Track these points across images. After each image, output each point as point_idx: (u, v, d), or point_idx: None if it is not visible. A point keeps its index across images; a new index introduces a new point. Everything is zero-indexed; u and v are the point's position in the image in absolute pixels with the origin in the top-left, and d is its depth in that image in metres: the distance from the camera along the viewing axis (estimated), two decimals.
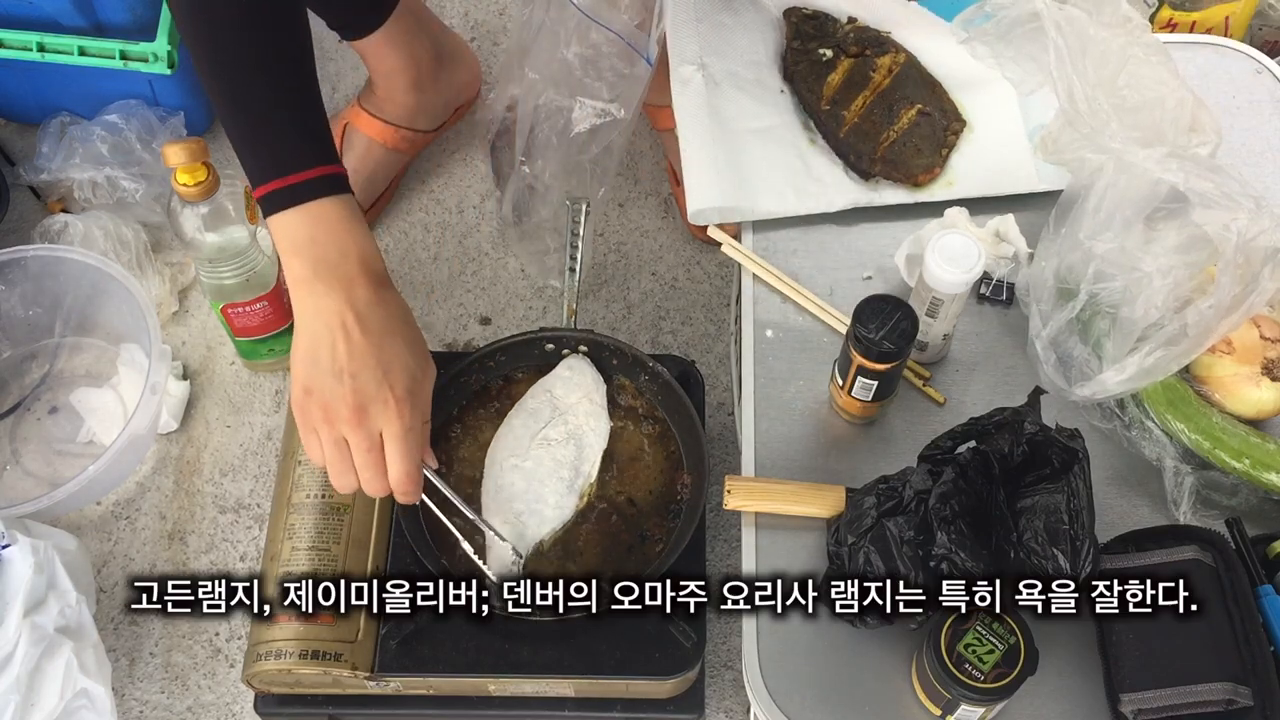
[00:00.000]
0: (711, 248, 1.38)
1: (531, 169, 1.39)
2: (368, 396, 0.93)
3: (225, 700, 1.29)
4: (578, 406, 1.16)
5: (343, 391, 0.93)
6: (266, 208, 0.95)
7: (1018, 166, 1.17)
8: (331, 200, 0.94)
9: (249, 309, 1.36)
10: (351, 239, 0.95)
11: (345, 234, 0.95)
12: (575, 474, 1.13)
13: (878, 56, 1.23)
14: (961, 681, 0.85)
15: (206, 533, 1.39)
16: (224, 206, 1.26)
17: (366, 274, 0.95)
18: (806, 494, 0.99)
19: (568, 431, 1.15)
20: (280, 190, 0.93)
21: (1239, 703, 0.86)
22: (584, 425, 1.15)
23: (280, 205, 0.94)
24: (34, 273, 1.41)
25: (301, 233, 0.94)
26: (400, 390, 0.94)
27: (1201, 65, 1.26)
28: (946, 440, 0.95)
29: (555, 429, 1.15)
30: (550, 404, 1.17)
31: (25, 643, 1.12)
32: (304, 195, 0.93)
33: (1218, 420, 0.99)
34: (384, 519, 1.15)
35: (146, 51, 1.45)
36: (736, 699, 1.27)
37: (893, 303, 0.97)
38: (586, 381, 1.18)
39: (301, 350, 0.95)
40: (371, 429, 0.94)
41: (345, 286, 0.94)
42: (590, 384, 1.18)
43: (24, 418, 1.44)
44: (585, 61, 1.30)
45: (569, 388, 1.17)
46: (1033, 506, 0.91)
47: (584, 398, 1.16)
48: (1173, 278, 0.96)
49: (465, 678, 1.11)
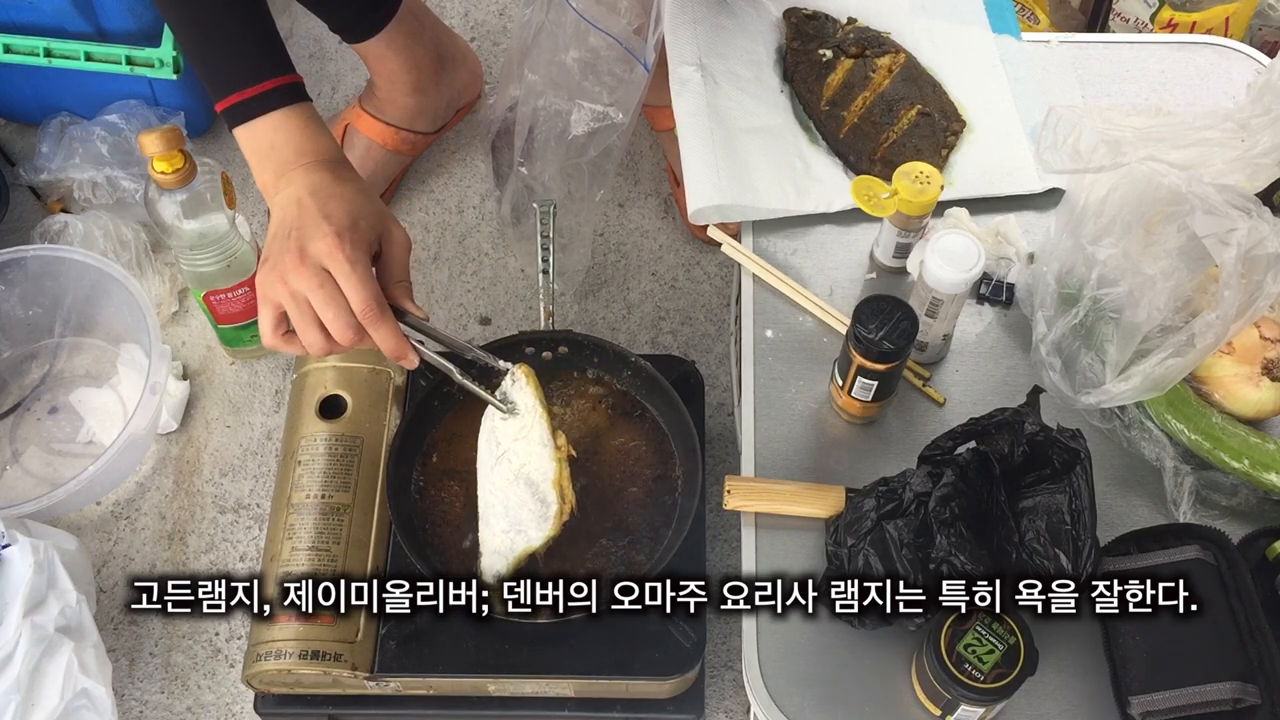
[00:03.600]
0: (711, 248, 1.38)
1: (530, 170, 1.39)
2: (307, 236, 0.95)
3: (225, 700, 1.29)
4: (514, 448, 1.08)
5: (289, 245, 0.95)
6: (229, 121, 1.00)
7: (1018, 166, 1.17)
8: (285, 111, 0.99)
9: (231, 295, 1.37)
10: (308, 142, 1.00)
11: (302, 138, 1.00)
12: (541, 504, 1.06)
13: (878, 57, 1.23)
14: (961, 682, 0.85)
15: (206, 533, 1.39)
16: (202, 194, 1.27)
17: (322, 166, 0.99)
18: (806, 494, 0.99)
19: (513, 473, 1.07)
20: (238, 105, 0.99)
21: (1247, 701, 0.86)
22: (527, 464, 1.07)
23: (240, 119, 1.00)
24: (34, 273, 1.41)
25: (261, 142, 1.00)
26: (339, 225, 0.95)
27: (1201, 65, 1.26)
28: (946, 440, 0.95)
29: (501, 471, 1.08)
30: (493, 443, 1.09)
31: (25, 643, 1.12)
32: (259, 108, 0.99)
33: (1218, 420, 0.99)
34: (384, 519, 1.15)
35: (152, 57, 1.46)
36: (736, 699, 1.27)
37: (893, 303, 0.97)
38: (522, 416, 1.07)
39: (267, 241, 0.98)
40: (315, 265, 0.94)
41: (304, 175, 0.99)
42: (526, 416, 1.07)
43: (24, 418, 1.44)
44: (584, 65, 1.30)
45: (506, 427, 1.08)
46: (1034, 507, 0.91)
47: (520, 436, 1.07)
48: (1175, 279, 0.97)
49: (465, 678, 1.11)
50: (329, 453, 1.18)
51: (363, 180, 1.02)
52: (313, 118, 1.01)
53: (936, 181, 1.04)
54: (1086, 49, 1.28)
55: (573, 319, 1.52)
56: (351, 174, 1.01)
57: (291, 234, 0.95)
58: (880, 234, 1.11)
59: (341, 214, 0.96)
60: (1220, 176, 0.98)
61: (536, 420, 1.06)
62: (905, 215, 1.06)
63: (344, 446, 1.18)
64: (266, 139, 1.00)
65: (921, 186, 1.04)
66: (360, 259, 0.95)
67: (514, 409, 1.06)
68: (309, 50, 1.76)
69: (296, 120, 1.00)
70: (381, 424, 1.20)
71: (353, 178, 1.01)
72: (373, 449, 1.19)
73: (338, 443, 1.18)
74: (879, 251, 1.12)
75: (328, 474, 1.17)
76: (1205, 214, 0.93)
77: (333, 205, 0.97)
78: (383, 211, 1.01)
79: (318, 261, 0.94)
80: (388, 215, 1.01)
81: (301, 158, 0.99)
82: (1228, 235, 0.92)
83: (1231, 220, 0.92)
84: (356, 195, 0.99)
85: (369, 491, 1.17)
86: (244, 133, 1.00)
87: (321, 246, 0.94)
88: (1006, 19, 1.27)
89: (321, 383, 1.22)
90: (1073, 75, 1.25)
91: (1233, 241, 0.91)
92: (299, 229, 0.95)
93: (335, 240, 0.94)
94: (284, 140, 0.99)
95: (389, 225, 1.00)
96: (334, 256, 0.94)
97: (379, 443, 1.19)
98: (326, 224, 0.95)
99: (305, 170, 0.99)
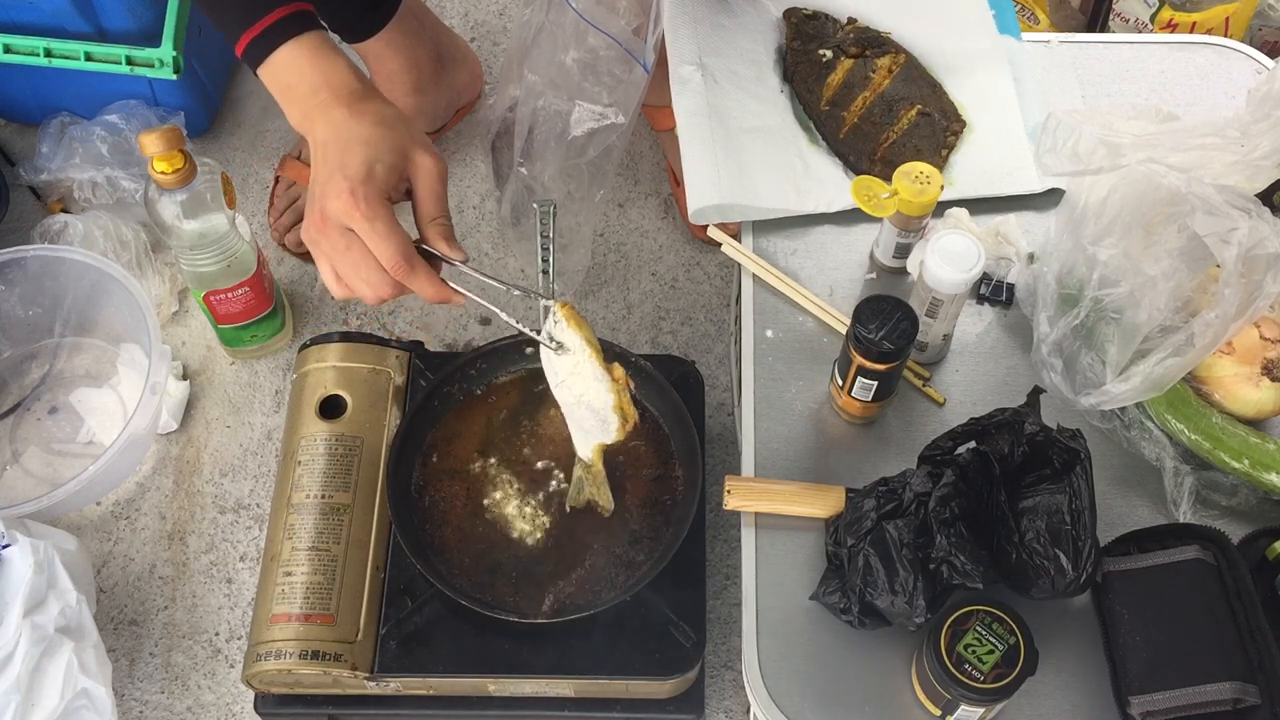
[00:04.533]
0: (711, 248, 1.38)
1: (530, 170, 1.39)
2: (325, 194, 0.93)
3: (225, 700, 1.29)
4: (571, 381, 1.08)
5: (314, 204, 0.94)
6: (250, 65, 0.99)
7: (1018, 166, 1.17)
8: (294, 44, 0.97)
9: (231, 295, 1.37)
10: (319, 73, 0.98)
11: (313, 70, 0.98)
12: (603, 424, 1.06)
13: (878, 57, 1.23)
14: (961, 682, 0.85)
15: (206, 533, 1.39)
16: (202, 194, 1.27)
17: (340, 100, 0.97)
18: (806, 494, 0.99)
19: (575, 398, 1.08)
20: (249, 47, 0.97)
21: (1247, 701, 0.86)
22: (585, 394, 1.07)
23: (255, 60, 0.98)
24: (34, 273, 1.41)
25: (278, 83, 0.98)
26: (354, 178, 0.92)
27: (1201, 66, 1.26)
28: (946, 440, 0.95)
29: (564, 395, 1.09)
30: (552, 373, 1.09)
31: (25, 643, 1.12)
32: (267, 45, 0.97)
33: (1218, 420, 0.99)
34: (384, 519, 1.15)
35: (152, 58, 1.45)
36: (736, 699, 1.27)
37: (893, 303, 0.97)
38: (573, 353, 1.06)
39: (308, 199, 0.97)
40: (338, 227, 0.93)
41: (324, 114, 0.96)
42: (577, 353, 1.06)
43: (24, 418, 1.44)
44: (583, 65, 1.30)
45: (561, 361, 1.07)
46: (1034, 507, 0.91)
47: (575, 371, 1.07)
48: (1175, 280, 0.97)
49: (465, 678, 1.11)
50: (329, 453, 1.18)
51: (383, 106, 0.98)
52: (321, 45, 0.98)
53: (936, 181, 1.04)
54: (1086, 49, 1.28)
55: None
56: (369, 104, 0.97)
57: (315, 189, 0.95)
58: (880, 234, 1.11)
59: (357, 163, 0.93)
60: (1219, 179, 0.98)
61: (586, 357, 1.05)
62: (905, 215, 1.06)
63: (344, 446, 1.18)
64: (282, 78, 0.98)
65: (921, 186, 1.04)
66: (378, 213, 0.93)
67: (562, 347, 1.04)
68: None
69: (306, 52, 0.97)
70: (381, 424, 1.21)
71: (370, 109, 0.97)
72: (373, 449, 1.19)
73: (338, 443, 1.18)
74: (879, 251, 1.12)
75: (328, 474, 1.17)
76: (1206, 214, 0.93)
77: (349, 152, 0.94)
78: (404, 143, 0.96)
79: (339, 222, 0.93)
80: (412, 144, 0.97)
81: (317, 94, 0.97)
82: (1229, 235, 0.92)
83: (1232, 220, 0.92)
84: (373, 131, 0.95)
85: (369, 491, 1.17)
86: (264, 74, 0.98)
87: (338, 206, 0.92)
88: (1006, 19, 1.27)
89: (321, 383, 1.22)
90: (1073, 75, 1.25)
91: (1233, 240, 0.91)
92: (320, 184, 0.94)
93: (349, 199, 0.92)
94: (297, 77, 0.97)
95: (415, 155, 0.97)
96: (351, 216, 0.92)
97: (379, 443, 1.19)
98: (341, 179, 0.92)
99: (323, 109, 0.97)
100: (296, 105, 0.98)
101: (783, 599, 0.97)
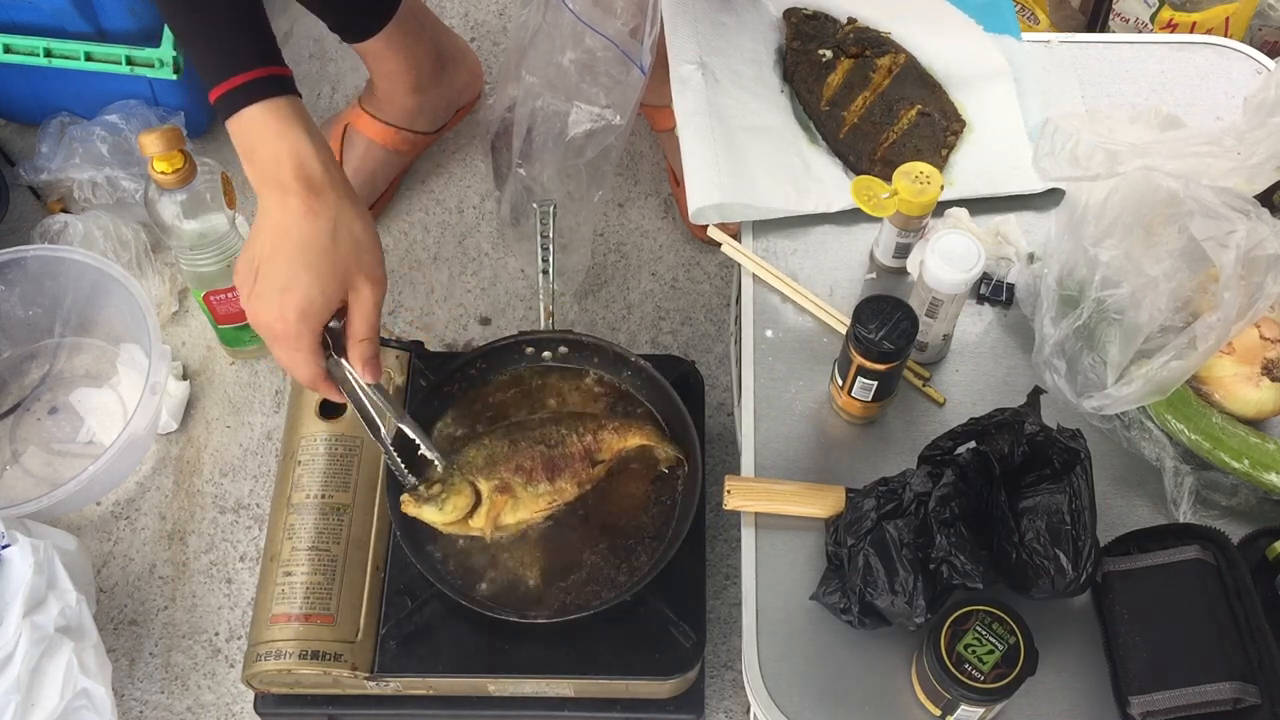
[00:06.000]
0: (711, 248, 1.38)
1: (528, 171, 1.39)
2: (262, 305, 0.98)
3: (225, 700, 1.29)
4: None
5: (252, 308, 0.99)
6: (220, 116, 0.98)
7: (1018, 166, 1.17)
8: (263, 105, 0.96)
9: (231, 295, 1.37)
10: (284, 144, 0.97)
11: (277, 139, 0.97)
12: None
13: (878, 57, 1.23)
14: (961, 682, 0.85)
15: (206, 533, 1.39)
16: (201, 194, 1.27)
17: (300, 180, 0.96)
18: (806, 494, 0.99)
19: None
20: (221, 97, 0.97)
21: (1247, 701, 0.86)
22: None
23: (225, 112, 0.97)
24: (34, 273, 1.41)
25: (242, 141, 0.98)
26: (292, 309, 0.96)
27: (1201, 66, 1.26)
28: (946, 440, 0.95)
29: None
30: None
31: (25, 643, 1.12)
32: (240, 100, 0.96)
33: (1218, 420, 0.99)
34: (384, 519, 1.15)
35: (152, 57, 1.46)
36: (736, 699, 1.27)
37: (893, 303, 0.97)
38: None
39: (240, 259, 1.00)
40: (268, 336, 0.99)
41: (280, 196, 0.97)
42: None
43: (24, 418, 1.44)
44: (581, 67, 1.30)
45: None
46: (1034, 507, 0.91)
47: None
48: (1176, 280, 0.97)
49: (465, 678, 1.11)
50: (329, 453, 1.18)
51: (339, 201, 0.98)
52: (291, 115, 0.97)
53: (936, 181, 1.04)
54: (1086, 49, 1.28)
55: (573, 319, 1.52)
56: (326, 198, 0.97)
57: (255, 298, 0.98)
58: (880, 234, 1.11)
59: (299, 293, 0.96)
60: (1217, 182, 0.98)
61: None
62: (905, 215, 1.06)
63: (344, 446, 1.18)
64: (245, 139, 0.97)
65: (921, 186, 1.04)
66: (301, 345, 0.98)
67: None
68: (309, 50, 1.76)
69: (274, 119, 0.96)
70: None
71: (325, 208, 0.97)
72: (373, 449, 1.18)
73: (338, 443, 1.18)
74: (879, 251, 1.12)
75: (328, 474, 1.17)
76: (1204, 217, 0.93)
77: (295, 276, 0.96)
78: (348, 271, 0.98)
79: (268, 335, 0.98)
80: (357, 272, 0.98)
81: (278, 166, 0.96)
82: (1226, 238, 0.92)
83: (1230, 222, 0.92)
84: (321, 254, 0.96)
85: (369, 491, 1.17)
86: (232, 126, 0.98)
87: (269, 327, 0.98)
88: (1006, 19, 1.27)
89: None
90: (1073, 75, 1.25)
91: (1231, 244, 0.91)
92: (260, 298, 0.97)
93: (280, 328, 0.97)
94: (260, 142, 0.97)
95: (356, 283, 0.99)
96: (275, 342, 0.99)
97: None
98: (279, 305, 0.96)
99: (279, 189, 0.96)
100: (255, 169, 0.98)
101: (783, 599, 0.97)
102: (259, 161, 0.97)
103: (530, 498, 1.12)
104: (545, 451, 1.13)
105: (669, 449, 1.16)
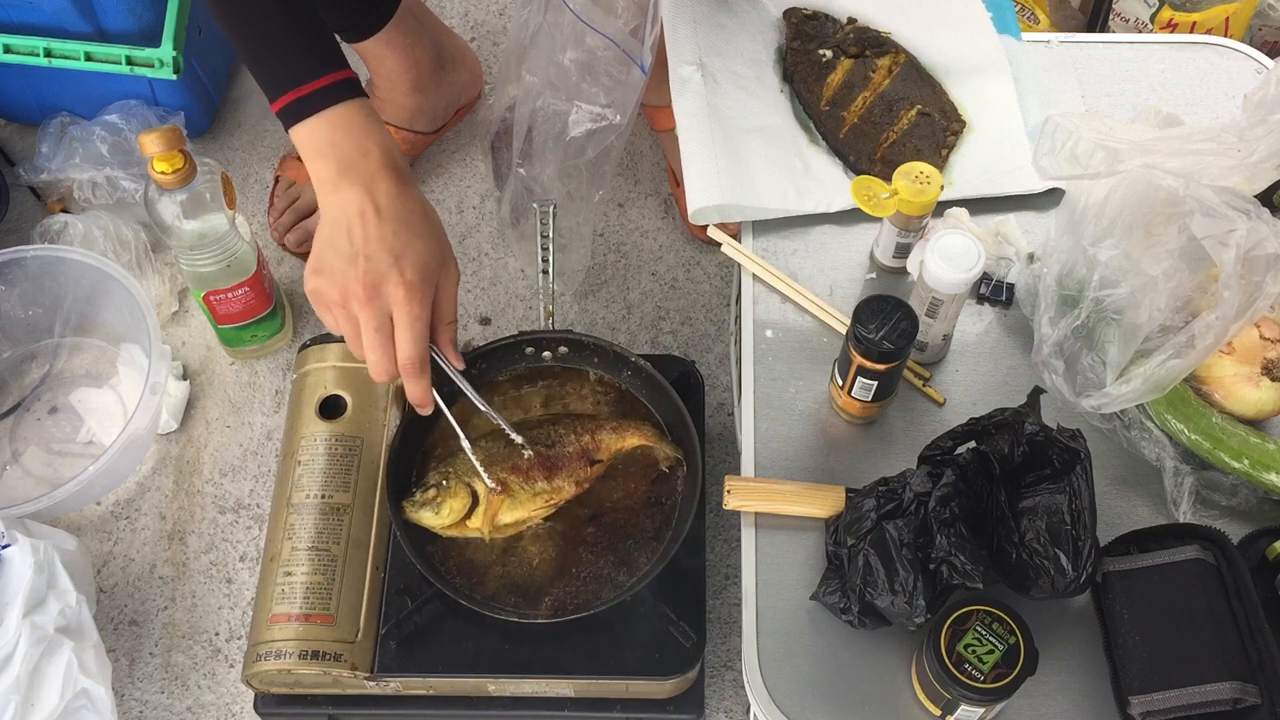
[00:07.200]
0: (711, 248, 1.38)
1: (528, 171, 1.39)
2: (380, 275, 0.96)
3: (225, 700, 1.29)
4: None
5: (356, 272, 0.96)
6: (285, 120, 0.98)
7: (1018, 166, 1.17)
8: (346, 105, 0.98)
9: (231, 295, 1.37)
10: (371, 138, 0.98)
11: (364, 134, 0.98)
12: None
13: (878, 57, 1.23)
14: (961, 682, 0.85)
15: (206, 533, 1.39)
16: (201, 194, 1.27)
17: (388, 170, 0.98)
18: (806, 494, 0.99)
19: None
20: (296, 101, 0.97)
21: (1247, 701, 0.86)
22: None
23: (298, 116, 0.97)
24: (34, 273, 1.41)
25: (322, 137, 0.98)
26: (411, 276, 0.96)
27: (1201, 66, 1.26)
28: (946, 440, 0.95)
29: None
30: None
31: (25, 643, 1.12)
32: (319, 103, 0.97)
33: (1218, 420, 0.99)
34: (384, 519, 1.15)
35: (152, 58, 1.46)
36: (736, 699, 1.27)
37: (893, 303, 0.97)
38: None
39: (322, 238, 0.98)
40: (382, 308, 0.97)
41: (367, 182, 0.97)
42: None
43: (24, 418, 1.44)
44: (581, 66, 1.30)
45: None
46: (1034, 507, 0.91)
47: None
48: (1176, 280, 0.96)
49: (465, 678, 1.11)
50: (329, 453, 1.18)
51: (422, 197, 1.01)
52: (373, 114, 1.00)
53: (936, 181, 1.04)
54: (1086, 49, 1.28)
55: (573, 319, 1.52)
56: (414, 190, 1.00)
57: (359, 260, 0.96)
58: (880, 234, 1.11)
59: (414, 256, 0.97)
60: (1218, 181, 0.98)
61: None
62: (905, 215, 1.06)
63: (344, 446, 1.18)
64: (327, 135, 0.98)
65: (921, 186, 1.04)
66: (423, 315, 0.98)
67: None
68: None
69: (357, 116, 0.98)
70: (381, 424, 1.20)
71: (416, 194, 1.00)
72: (373, 449, 1.19)
73: (338, 443, 1.18)
74: (879, 251, 1.12)
75: (328, 474, 1.17)
76: (1204, 216, 0.93)
77: (408, 244, 0.97)
78: (444, 246, 1.01)
79: (385, 306, 0.97)
80: (448, 247, 1.01)
81: (366, 157, 0.98)
82: (1226, 237, 0.92)
83: (1230, 221, 0.92)
84: (424, 223, 0.99)
85: (369, 491, 1.17)
86: (302, 129, 0.98)
87: (393, 294, 0.96)
88: (1006, 19, 1.27)
89: (321, 383, 1.22)
90: (1073, 75, 1.25)
91: (1231, 243, 0.91)
92: (370, 260, 0.96)
93: (406, 293, 0.96)
94: (344, 136, 0.98)
95: (449, 261, 1.01)
96: (401, 309, 0.96)
97: (379, 443, 1.19)
98: (398, 270, 0.96)
99: (371, 174, 0.98)
100: (335, 162, 0.97)
101: (783, 599, 0.97)
102: (340, 152, 0.97)
103: (528, 497, 1.12)
104: (543, 451, 1.13)
105: (668, 449, 1.16)
